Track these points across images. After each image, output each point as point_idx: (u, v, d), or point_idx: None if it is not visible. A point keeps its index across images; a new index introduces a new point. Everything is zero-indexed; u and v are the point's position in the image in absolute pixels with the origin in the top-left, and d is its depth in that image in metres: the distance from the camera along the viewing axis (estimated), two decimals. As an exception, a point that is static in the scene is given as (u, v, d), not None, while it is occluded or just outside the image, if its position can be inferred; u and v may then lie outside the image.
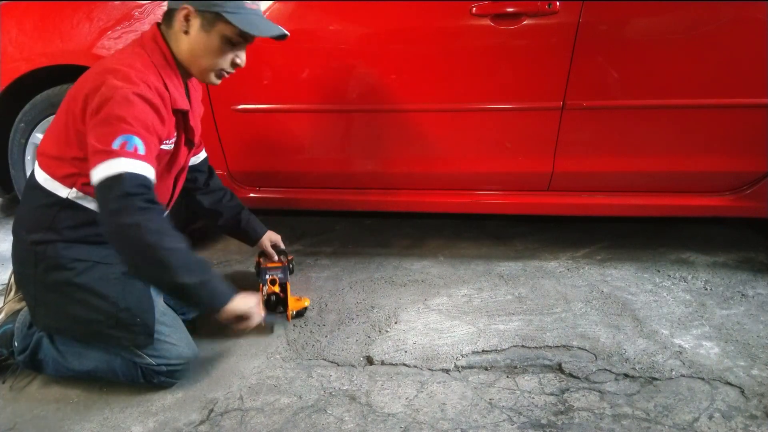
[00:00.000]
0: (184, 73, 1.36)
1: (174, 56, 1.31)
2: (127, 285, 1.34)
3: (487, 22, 1.66)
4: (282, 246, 1.85)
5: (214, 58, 1.30)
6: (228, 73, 1.35)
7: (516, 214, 2.00)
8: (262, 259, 1.84)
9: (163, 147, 1.30)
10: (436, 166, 1.92)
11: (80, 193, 1.29)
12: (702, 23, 1.61)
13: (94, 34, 1.81)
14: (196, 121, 1.46)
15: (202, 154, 1.71)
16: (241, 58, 1.33)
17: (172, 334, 1.40)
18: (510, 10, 1.64)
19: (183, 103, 1.33)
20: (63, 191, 1.28)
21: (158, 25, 1.33)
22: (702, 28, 1.62)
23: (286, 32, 1.34)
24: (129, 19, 1.79)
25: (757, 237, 2.26)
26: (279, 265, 1.77)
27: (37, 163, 1.33)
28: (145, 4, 1.79)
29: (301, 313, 1.72)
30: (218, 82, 1.36)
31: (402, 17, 1.71)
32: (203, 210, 1.73)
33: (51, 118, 1.95)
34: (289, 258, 1.85)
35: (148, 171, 1.18)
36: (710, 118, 1.72)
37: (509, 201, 1.95)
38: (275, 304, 1.62)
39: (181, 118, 1.37)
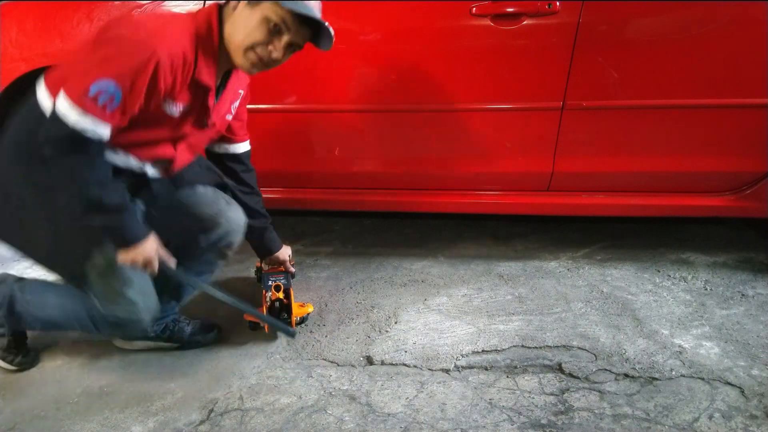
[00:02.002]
0: (228, 59, 1.29)
1: (222, 38, 1.26)
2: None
3: (487, 22, 1.66)
4: (289, 262, 1.80)
5: (248, 35, 1.23)
6: (262, 62, 1.28)
7: (516, 214, 2.00)
8: (263, 264, 1.83)
9: (164, 109, 1.25)
10: (436, 166, 1.92)
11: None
12: (702, 23, 1.61)
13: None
14: (222, 108, 1.41)
15: (243, 146, 1.61)
16: (277, 49, 1.25)
17: (134, 284, 1.36)
18: (510, 10, 1.64)
19: (207, 78, 1.27)
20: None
21: (221, 6, 1.28)
22: (702, 28, 1.62)
23: (324, 23, 1.26)
24: (129, 19, 1.79)
25: (757, 237, 2.26)
26: (281, 270, 1.76)
27: (45, 91, 1.24)
28: (145, 4, 1.79)
29: (304, 319, 1.71)
30: (252, 69, 1.30)
31: (401, 17, 1.71)
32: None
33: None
34: (291, 262, 1.83)
35: (104, 132, 1.15)
36: (710, 118, 1.72)
37: (509, 201, 1.95)
38: (279, 311, 1.60)
39: (201, 93, 1.30)
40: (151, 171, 1.37)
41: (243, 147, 1.62)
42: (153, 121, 1.26)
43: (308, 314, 1.70)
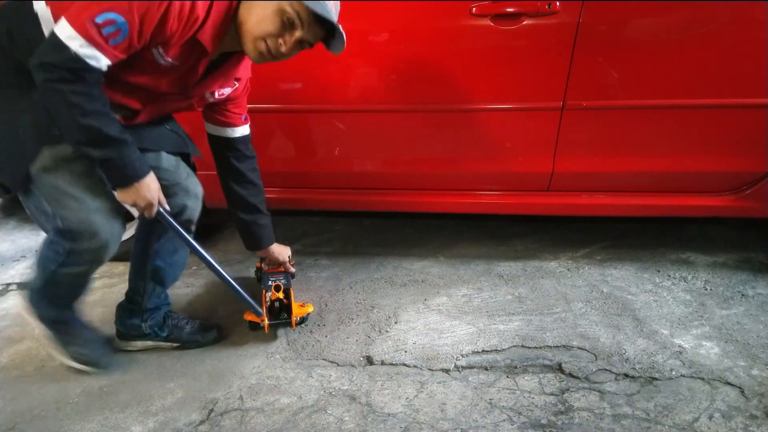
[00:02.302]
0: (234, 40, 1.26)
1: (235, 18, 1.23)
2: None
3: (487, 22, 1.66)
4: (289, 262, 1.80)
5: (260, 23, 1.21)
6: (269, 53, 1.26)
7: (516, 214, 2.01)
8: (263, 265, 1.83)
9: (153, 53, 1.20)
10: (436, 166, 1.92)
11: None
12: (702, 23, 1.61)
13: None
14: (208, 84, 1.38)
15: (240, 130, 1.56)
16: (286, 43, 1.23)
17: (82, 184, 1.29)
18: (510, 10, 1.64)
19: (207, 41, 1.22)
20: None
21: None
22: (702, 28, 1.62)
23: (338, 26, 1.24)
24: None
25: (757, 237, 2.26)
26: (281, 270, 1.76)
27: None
28: None
29: (304, 319, 1.71)
30: (259, 59, 1.27)
31: (401, 17, 1.71)
32: (226, 193, 1.63)
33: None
34: (291, 262, 1.83)
35: (104, 63, 1.12)
36: (710, 118, 1.72)
37: (509, 201, 1.95)
38: (279, 311, 1.60)
39: (195, 55, 1.25)
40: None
41: (239, 131, 1.57)
42: (137, 62, 1.21)
43: (308, 314, 1.70)
